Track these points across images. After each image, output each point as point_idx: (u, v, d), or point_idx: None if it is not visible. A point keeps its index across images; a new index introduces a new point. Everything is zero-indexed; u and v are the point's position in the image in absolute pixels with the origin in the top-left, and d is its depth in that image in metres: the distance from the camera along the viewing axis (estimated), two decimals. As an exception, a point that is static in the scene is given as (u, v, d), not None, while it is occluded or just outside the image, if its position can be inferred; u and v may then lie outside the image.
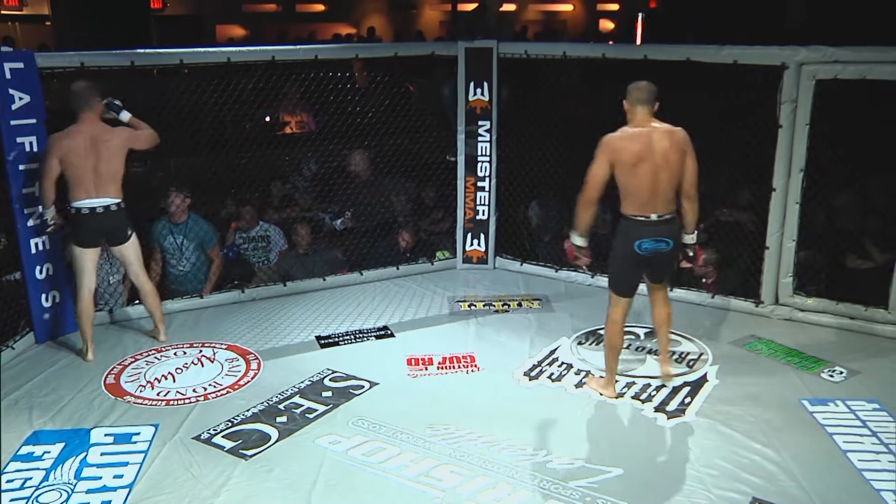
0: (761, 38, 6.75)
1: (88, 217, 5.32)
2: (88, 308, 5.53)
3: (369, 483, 4.15)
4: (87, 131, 5.26)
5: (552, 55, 6.97)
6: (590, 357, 5.60)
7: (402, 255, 7.30)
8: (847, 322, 6.04)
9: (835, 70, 5.72)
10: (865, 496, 4.10)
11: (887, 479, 4.23)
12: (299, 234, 7.09)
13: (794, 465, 4.32)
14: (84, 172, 5.25)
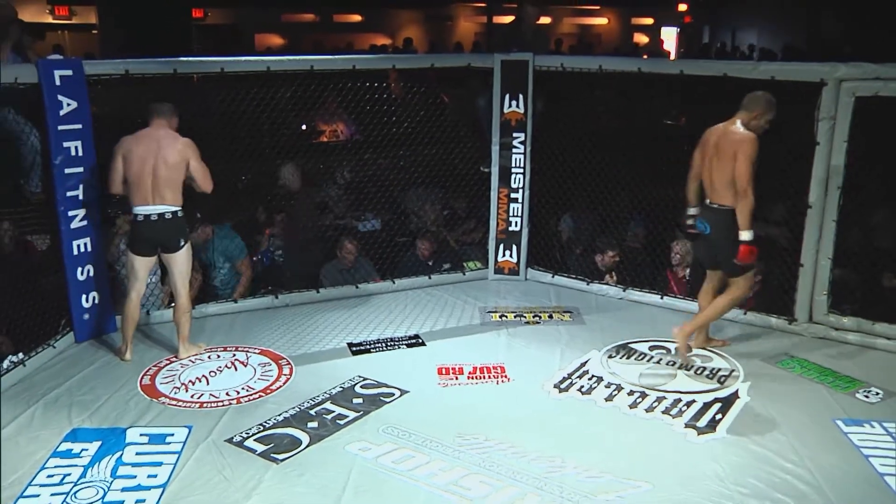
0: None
1: (143, 224, 5.38)
2: (134, 311, 5.60)
3: (398, 490, 4.15)
4: (154, 135, 5.33)
5: (588, 68, 6.96)
6: (620, 371, 5.58)
7: (424, 264, 7.29)
8: (883, 342, 5.96)
9: (875, 87, 5.68)
10: (901, 519, 4.06)
11: (924, 502, 4.19)
12: (346, 249, 7.09)
13: (828, 486, 4.26)
14: (143, 176, 5.30)
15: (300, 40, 20.94)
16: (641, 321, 6.47)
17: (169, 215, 5.37)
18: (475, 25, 24.63)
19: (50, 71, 5.44)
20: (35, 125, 5.68)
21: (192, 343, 5.77)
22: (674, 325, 5.82)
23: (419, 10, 24.03)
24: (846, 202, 5.94)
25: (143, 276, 5.58)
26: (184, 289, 5.59)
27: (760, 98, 5.35)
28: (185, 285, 5.60)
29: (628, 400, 5.18)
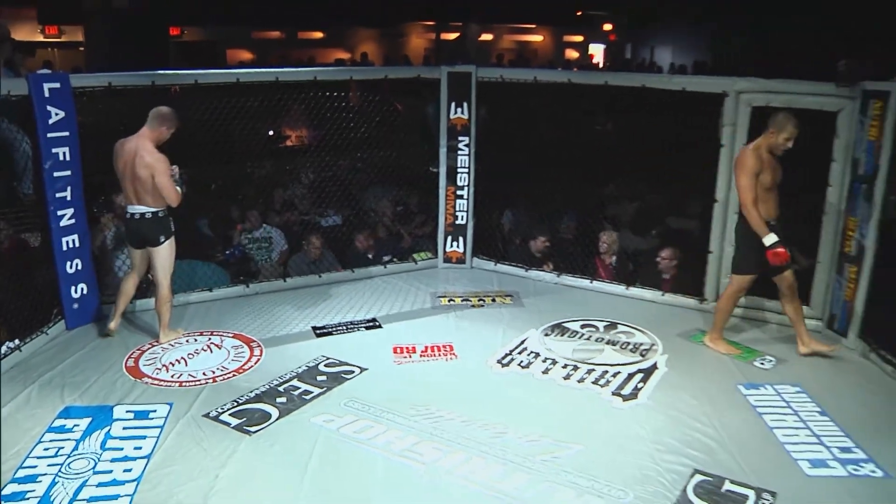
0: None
1: (129, 221, 5.39)
2: (128, 287, 5.61)
3: (359, 457, 4.17)
4: (134, 143, 5.25)
5: (525, 79, 7.01)
6: (555, 347, 5.63)
7: (378, 255, 7.26)
8: (776, 317, 6.10)
9: (767, 98, 5.80)
10: (786, 465, 4.21)
11: (804, 450, 4.35)
12: (312, 244, 7.04)
13: (730, 440, 4.40)
14: (125, 180, 5.28)
15: (268, 55, 20.71)
16: (574, 303, 6.51)
17: (149, 215, 5.32)
18: (425, 42, 24.54)
19: (39, 84, 5.37)
20: (26, 133, 5.59)
21: (172, 329, 5.71)
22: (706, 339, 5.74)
23: (375, 28, 23.87)
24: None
25: (138, 264, 5.56)
26: (164, 280, 5.50)
27: (776, 117, 5.21)
28: (166, 277, 5.51)
29: (562, 372, 5.24)
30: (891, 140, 5.25)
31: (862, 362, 5.47)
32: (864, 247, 5.49)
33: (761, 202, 5.18)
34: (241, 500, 3.79)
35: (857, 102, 5.50)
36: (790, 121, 5.13)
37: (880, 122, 5.29)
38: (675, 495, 3.88)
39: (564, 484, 3.94)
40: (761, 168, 5.15)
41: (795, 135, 5.10)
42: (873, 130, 5.34)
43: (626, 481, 3.97)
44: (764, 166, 5.16)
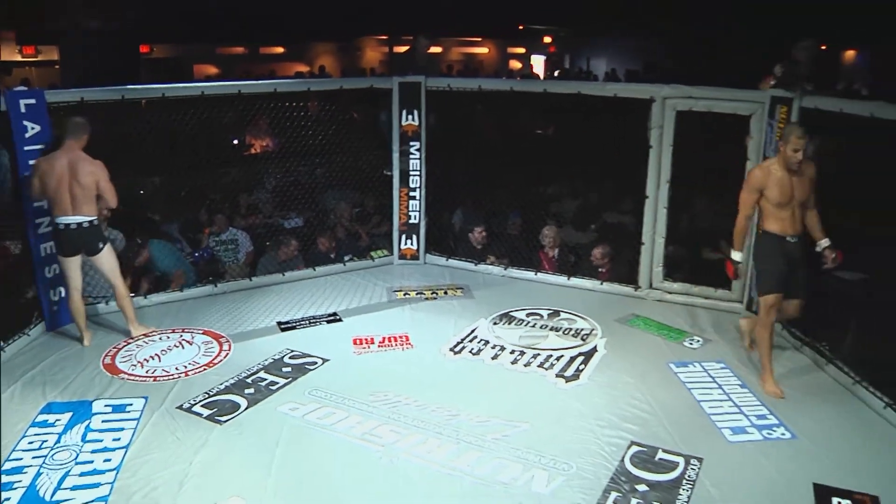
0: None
1: (65, 232, 5.22)
2: (78, 305, 5.43)
3: (322, 441, 4.19)
4: (66, 158, 5.13)
5: (470, 88, 7.05)
6: (503, 334, 5.68)
7: (327, 256, 7.22)
8: (702, 301, 6.24)
9: (689, 104, 5.93)
10: (711, 433, 4.33)
11: (727, 419, 4.48)
12: (290, 246, 7.00)
13: (662, 413, 4.51)
14: (61, 193, 5.12)
15: (232, 69, 20.46)
16: (520, 294, 6.56)
17: (86, 224, 5.21)
18: (379, 54, 24.44)
19: (16, 100, 5.29)
20: (5, 146, 5.47)
21: (140, 323, 5.64)
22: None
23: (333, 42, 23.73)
24: (675, 193, 6.17)
25: (73, 274, 5.36)
26: (116, 279, 5.44)
27: (784, 129, 4.82)
28: (117, 276, 5.44)
29: (510, 358, 5.29)
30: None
31: (776, 339, 5.57)
32: (776, 236, 5.63)
33: (773, 218, 4.76)
34: (214, 484, 3.77)
35: (766, 107, 5.64)
36: (793, 131, 4.65)
37: (786, 125, 5.43)
38: (614, 465, 3.96)
39: (513, 459, 4.00)
40: (766, 184, 4.71)
41: (801, 145, 4.58)
42: (780, 132, 5.48)
43: (570, 455, 4.04)
44: (771, 182, 4.70)
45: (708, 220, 6.77)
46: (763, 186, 4.74)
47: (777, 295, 4.77)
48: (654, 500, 3.67)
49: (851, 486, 3.80)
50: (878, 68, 21.09)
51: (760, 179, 4.75)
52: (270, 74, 17.79)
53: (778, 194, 4.70)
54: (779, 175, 4.71)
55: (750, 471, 3.95)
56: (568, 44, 25.57)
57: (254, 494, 3.69)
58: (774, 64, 5.91)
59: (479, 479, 3.83)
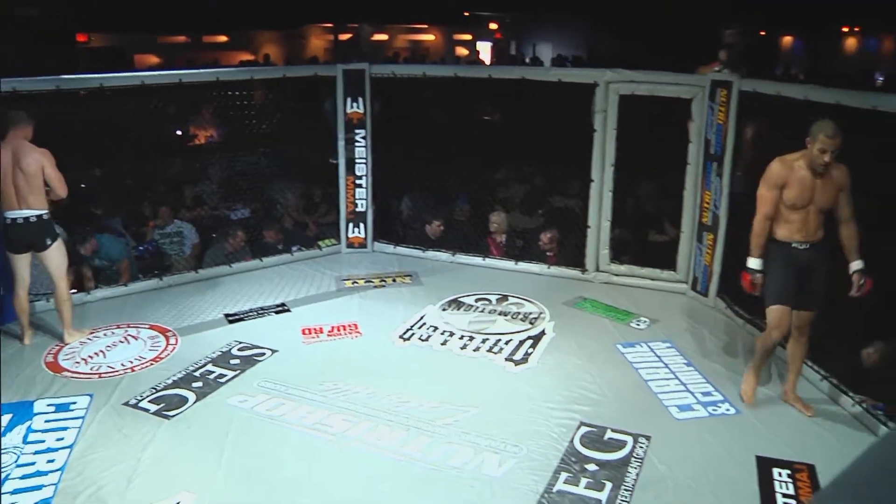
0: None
1: (12, 227, 5.02)
2: (23, 303, 5.24)
3: (273, 432, 4.14)
4: (10, 147, 4.94)
5: (415, 75, 7.02)
6: (452, 320, 5.69)
7: (275, 247, 7.15)
8: (648, 282, 6.33)
9: (632, 88, 5.99)
10: (659, 412, 4.41)
11: (674, 397, 4.57)
12: (236, 237, 6.87)
13: (611, 393, 4.57)
14: (6, 186, 4.93)
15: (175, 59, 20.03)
16: (468, 279, 6.57)
17: (34, 219, 5.01)
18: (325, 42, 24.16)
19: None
20: None
21: (77, 329, 5.42)
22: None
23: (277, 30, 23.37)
24: (620, 177, 6.24)
25: (21, 272, 5.17)
26: (61, 280, 5.22)
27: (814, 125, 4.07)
28: (62, 277, 5.23)
29: (459, 343, 5.30)
30: (734, 123, 5.52)
31: (720, 317, 5.75)
32: (717, 217, 5.75)
33: (782, 222, 4.19)
34: (163, 480, 3.70)
35: (707, 90, 5.73)
36: (823, 129, 3.99)
37: (726, 108, 5.56)
38: (563, 446, 4.00)
39: (464, 444, 4.01)
40: (786, 181, 4.12)
41: (830, 146, 3.94)
42: (721, 115, 5.60)
43: (520, 437, 4.07)
44: (792, 180, 4.11)
45: (653, 203, 6.88)
46: (784, 183, 4.13)
47: (780, 308, 4.22)
48: (604, 478, 3.72)
49: (791, 456, 3.92)
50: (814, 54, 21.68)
51: (781, 175, 4.14)
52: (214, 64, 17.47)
53: (796, 195, 4.11)
54: (802, 174, 4.10)
55: (696, 446, 4.03)
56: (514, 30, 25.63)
57: (204, 488, 3.64)
58: (717, 49, 6.01)
59: (431, 464, 3.84)
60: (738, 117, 5.51)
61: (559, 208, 7.39)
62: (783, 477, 3.76)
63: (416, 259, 7.12)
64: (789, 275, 4.19)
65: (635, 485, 3.68)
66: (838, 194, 4.11)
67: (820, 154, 3.99)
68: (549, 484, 3.68)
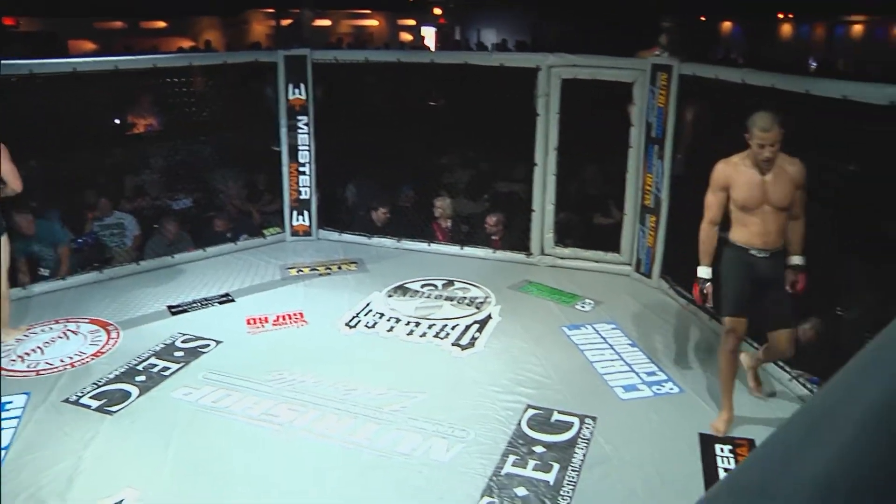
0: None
1: None
2: None
3: (219, 424, 4.06)
4: None
5: (357, 60, 6.94)
6: (398, 306, 5.66)
7: (227, 235, 7.04)
8: (593, 265, 6.39)
9: (574, 72, 6.01)
10: (604, 392, 4.45)
11: (619, 378, 4.62)
12: (167, 229, 6.72)
13: (557, 376, 4.60)
14: None
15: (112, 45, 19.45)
16: (414, 265, 6.54)
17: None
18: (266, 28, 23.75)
19: None
20: None
21: (13, 327, 5.22)
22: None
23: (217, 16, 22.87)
24: (563, 161, 6.27)
25: None
26: (2, 275, 5.01)
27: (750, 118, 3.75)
28: (3, 272, 5.02)
29: (406, 329, 5.28)
30: (675, 106, 5.59)
31: (664, 298, 5.83)
32: (660, 199, 5.83)
33: (738, 225, 3.88)
34: (107, 478, 3.60)
35: (648, 74, 5.79)
36: (756, 121, 3.69)
37: (666, 92, 5.61)
38: (511, 429, 4.01)
39: (412, 430, 3.99)
40: (731, 182, 3.81)
41: (767, 139, 3.65)
42: (661, 98, 5.66)
43: (467, 422, 4.06)
44: (738, 181, 3.80)
45: (597, 186, 6.93)
46: (728, 184, 3.83)
47: (735, 318, 3.92)
48: (551, 460, 3.75)
49: (732, 433, 4.00)
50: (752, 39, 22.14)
51: (724, 175, 3.84)
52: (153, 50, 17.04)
53: (744, 196, 3.79)
54: (748, 173, 3.78)
55: (641, 426, 4.09)
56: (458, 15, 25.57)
57: (149, 484, 3.55)
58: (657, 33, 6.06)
59: (379, 451, 3.81)
60: (678, 100, 5.58)
61: (504, 193, 7.40)
62: (725, 452, 3.84)
63: (362, 246, 7.06)
64: (745, 284, 3.87)
65: (582, 465, 3.71)
66: (795, 191, 3.77)
67: (759, 149, 3.69)
68: (498, 467, 3.69)
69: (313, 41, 7.29)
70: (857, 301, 4.53)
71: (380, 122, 7.07)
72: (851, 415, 0.55)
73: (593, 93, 6.01)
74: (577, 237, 6.56)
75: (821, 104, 4.14)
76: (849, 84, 4.25)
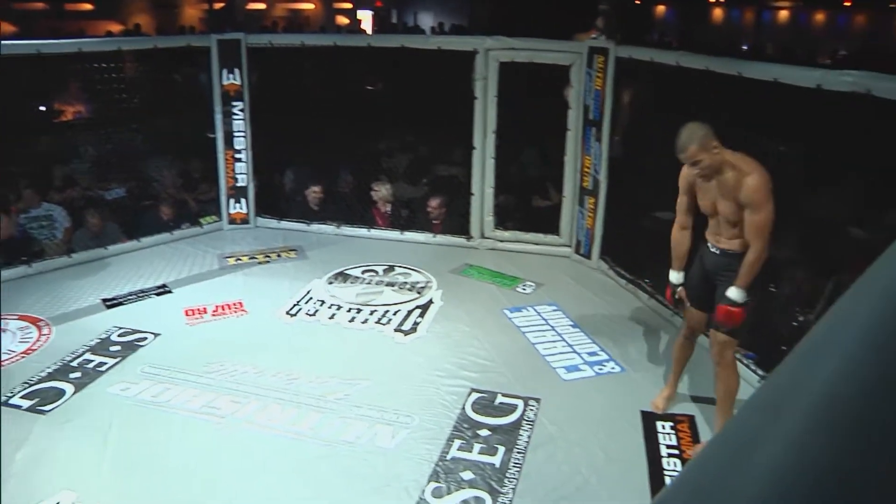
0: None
1: None
2: None
3: (158, 419, 3.95)
4: None
5: (293, 44, 6.80)
6: (339, 293, 5.59)
7: (167, 223, 6.86)
8: (533, 247, 6.41)
9: (511, 55, 6.00)
10: (547, 374, 4.48)
11: (561, 359, 4.65)
12: (90, 222, 6.47)
13: (500, 358, 4.61)
14: None
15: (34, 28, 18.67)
16: (354, 251, 6.47)
17: None
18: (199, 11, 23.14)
19: None
20: None
21: None
22: None
23: (148, -2, 22.21)
24: (501, 144, 6.26)
25: None
26: None
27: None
28: None
29: (347, 316, 5.22)
30: (612, 89, 5.62)
31: (604, 279, 5.90)
32: (598, 181, 5.87)
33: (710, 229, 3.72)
34: (40, 481, 3.46)
35: (585, 57, 5.81)
36: (679, 136, 3.46)
37: (603, 74, 5.64)
38: (455, 413, 4.00)
39: (356, 417, 3.95)
40: (694, 187, 3.68)
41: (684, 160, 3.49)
42: (598, 81, 5.68)
43: (412, 407, 4.04)
44: (699, 187, 3.64)
45: (536, 169, 6.95)
46: (690, 189, 3.72)
47: (687, 309, 3.92)
48: (497, 443, 3.75)
49: (673, 409, 4.07)
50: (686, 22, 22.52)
51: (686, 180, 3.72)
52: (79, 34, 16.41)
53: (702, 203, 3.68)
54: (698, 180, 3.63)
55: (584, 405, 4.12)
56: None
57: (86, 485, 3.42)
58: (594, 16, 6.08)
59: (323, 440, 3.77)
60: (615, 83, 5.61)
61: (443, 177, 7.37)
62: (666, 429, 3.91)
63: (301, 233, 6.96)
64: (697, 274, 3.81)
65: (527, 447, 3.73)
66: (739, 210, 3.47)
67: (689, 168, 3.56)
68: (443, 452, 3.68)
69: (247, 25, 7.11)
70: (787, 279, 4.64)
71: (317, 106, 6.95)
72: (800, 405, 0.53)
73: (531, 76, 6.02)
74: (517, 220, 6.58)
75: (752, 86, 4.21)
76: (779, 67, 4.32)
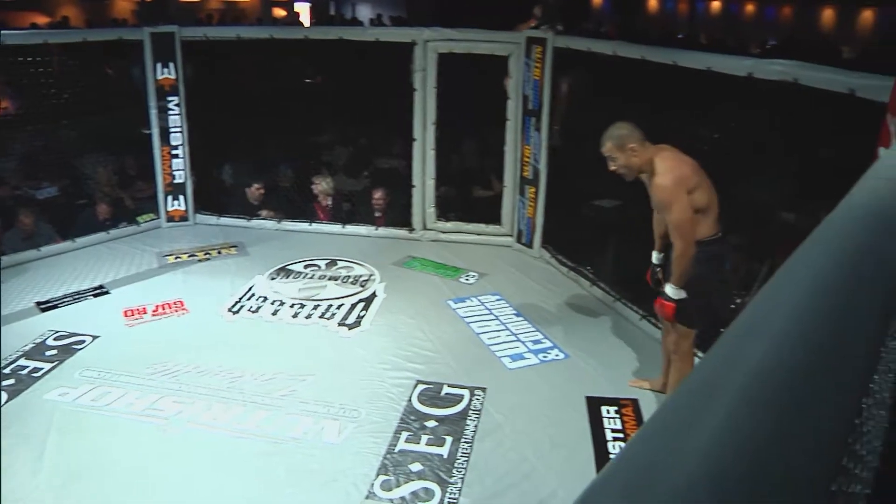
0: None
1: None
2: None
3: (100, 424, 3.84)
4: None
5: (228, 37, 6.67)
6: (281, 289, 5.53)
7: (102, 222, 6.68)
8: (475, 237, 6.44)
9: (450, 46, 5.99)
10: (492, 363, 4.50)
11: (506, 348, 4.68)
12: (22, 222, 6.23)
13: (445, 349, 4.62)
14: None
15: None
16: (295, 246, 6.40)
17: None
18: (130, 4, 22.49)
19: None
20: None
21: None
22: None
23: (76, -10, 21.44)
24: (441, 135, 6.26)
25: None
26: None
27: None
28: None
29: (290, 312, 5.16)
30: (550, 79, 5.66)
31: (546, 267, 5.95)
32: (538, 170, 5.92)
33: None
34: (-27, 491, 3.35)
35: (523, 47, 5.83)
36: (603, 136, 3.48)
37: (542, 64, 5.67)
38: (402, 406, 4.00)
39: (302, 413, 3.92)
40: None
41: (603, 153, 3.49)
42: (537, 71, 5.71)
43: (358, 401, 4.02)
44: None
45: (476, 160, 6.97)
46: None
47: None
48: (444, 433, 3.76)
49: (617, 394, 4.13)
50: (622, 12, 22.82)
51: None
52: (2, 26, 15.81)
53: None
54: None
55: (530, 393, 4.16)
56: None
57: (22, 495, 3.31)
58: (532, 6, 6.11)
59: (270, 437, 3.72)
60: (553, 73, 5.65)
61: (384, 169, 7.34)
62: (611, 413, 3.96)
63: (241, 229, 6.85)
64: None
65: (475, 436, 3.74)
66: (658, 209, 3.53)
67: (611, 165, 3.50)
68: (391, 444, 3.67)
69: (181, 17, 6.93)
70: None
71: (255, 100, 6.83)
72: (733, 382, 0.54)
73: (470, 67, 6.02)
74: (459, 211, 6.59)
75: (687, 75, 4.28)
76: (712, 56, 4.40)
